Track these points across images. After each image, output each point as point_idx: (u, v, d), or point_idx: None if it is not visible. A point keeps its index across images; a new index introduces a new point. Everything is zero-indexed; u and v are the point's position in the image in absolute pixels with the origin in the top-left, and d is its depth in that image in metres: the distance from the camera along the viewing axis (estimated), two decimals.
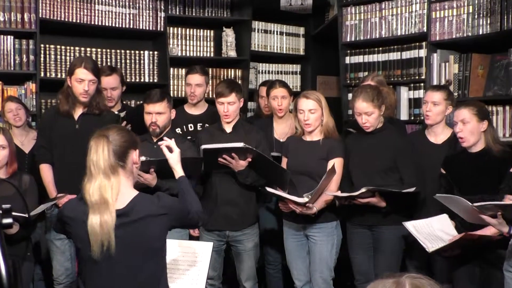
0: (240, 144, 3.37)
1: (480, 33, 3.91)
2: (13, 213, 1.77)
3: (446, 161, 3.25)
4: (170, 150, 2.66)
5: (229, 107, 3.57)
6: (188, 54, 4.96)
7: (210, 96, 4.48)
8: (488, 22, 3.86)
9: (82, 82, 3.49)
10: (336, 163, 3.41)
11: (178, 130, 4.04)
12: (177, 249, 2.87)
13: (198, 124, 4.09)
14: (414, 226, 3.11)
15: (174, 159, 2.63)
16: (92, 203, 2.23)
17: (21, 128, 4.02)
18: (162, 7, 4.78)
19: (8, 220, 1.64)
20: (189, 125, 4.10)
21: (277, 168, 3.51)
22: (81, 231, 2.26)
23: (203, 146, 3.42)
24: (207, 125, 3.96)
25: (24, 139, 4.01)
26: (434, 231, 3.09)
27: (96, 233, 2.20)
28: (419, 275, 1.31)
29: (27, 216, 3.00)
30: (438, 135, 3.53)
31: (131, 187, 2.33)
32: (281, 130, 4.06)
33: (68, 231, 2.38)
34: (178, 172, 2.59)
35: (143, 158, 3.22)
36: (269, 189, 3.32)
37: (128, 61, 4.76)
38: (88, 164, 2.27)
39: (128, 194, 2.30)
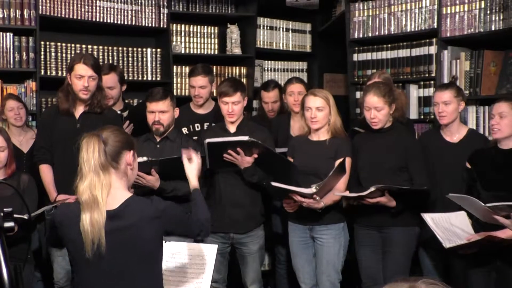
0: (245, 138, 3.35)
1: (493, 29, 3.84)
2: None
3: (474, 155, 3.22)
4: (189, 160, 2.66)
5: (234, 107, 3.53)
6: (191, 52, 4.95)
7: (215, 94, 4.38)
8: (501, 17, 3.79)
9: (81, 78, 3.46)
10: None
11: (185, 130, 4.01)
12: (181, 251, 2.84)
13: (205, 124, 4.05)
14: (432, 219, 3.10)
15: (192, 170, 2.63)
16: (83, 202, 2.22)
17: (20, 127, 3.99)
18: (165, 3, 4.76)
19: (10, 224, 1.63)
20: (196, 125, 4.07)
21: (284, 162, 3.47)
22: (72, 233, 2.25)
23: (207, 140, 3.38)
24: (214, 124, 3.93)
25: (23, 138, 3.99)
26: (451, 227, 3.07)
27: (87, 232, 2.19)
28: (434, 281, 1.28)
29: (27, 217, 2.98)
30: (453, 134, 3.48)
31: (124, 189, 2.31)
32: (298, 127, 4.01)
33: (60, 237, 2.34)
34: (193, 184, 2.59)
35: (144, 159, 3.26)
36: (274, 184, 3.28)
37: (130, 58, 4.74)
38: (79, 163, 2.26)
39: (120, 196, 2.27)
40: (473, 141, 3.38)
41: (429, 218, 3.09)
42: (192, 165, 2.63)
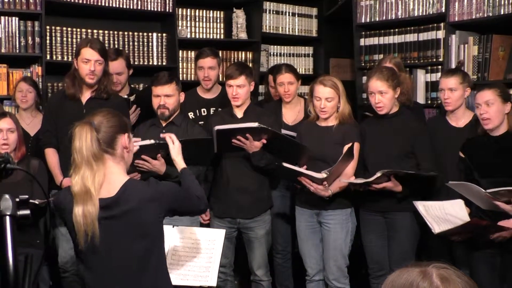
0: (255, 124, 3.35)
1: (502, 13, 3.83)
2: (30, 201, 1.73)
3: (466, 145, 3.22)
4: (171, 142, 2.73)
5: (238, 90, 3.52)
6: (197, 36, 4.91)
7: (221, 79, 4.41)
8: (510, 1, 3.78)
9: (88, 62, 3.46)
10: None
11: (191, 115, 4.00)
12: (189, 236, 2.87)
13: (211, 109, 4.03)
14: (424, 206, 3.11)
15: (175, 151, 2.69)
16: (76, 193, 2.20)
17: (28, 110, 4.02)
18: None
19: (25, 212, 1.58)
20: (202, 110, 4.05)
21: (294, 144, 3.47)
22: (71, 221, 2.24)
23: (217, 127, 3.38)
24: (220, 109, 3.91)
25: (30, 122, 4.00)
26: (444, 215, 3.07)
27: (80, 224, 2.18)
28: (445, 265, 1.27)
29: (45, 201, 2.98)
30: (459, 119, 3.49)
31: (122, 173, 2.29)
32: (290, 114, 4.03)
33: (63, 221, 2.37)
34: (179, 164, 2.63)
35: (152, 141, 3.25)
36: (286, 165, 3.26)
37: (136, 43, 4.70)
38: (72, 153, 2.22)
39: (118, 181, 2.26)
40: (478, 126, 3.34)
41: (421, 205, 3.11)
42: (174, 148, 2.69)
